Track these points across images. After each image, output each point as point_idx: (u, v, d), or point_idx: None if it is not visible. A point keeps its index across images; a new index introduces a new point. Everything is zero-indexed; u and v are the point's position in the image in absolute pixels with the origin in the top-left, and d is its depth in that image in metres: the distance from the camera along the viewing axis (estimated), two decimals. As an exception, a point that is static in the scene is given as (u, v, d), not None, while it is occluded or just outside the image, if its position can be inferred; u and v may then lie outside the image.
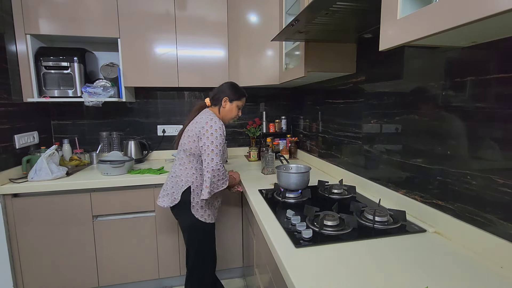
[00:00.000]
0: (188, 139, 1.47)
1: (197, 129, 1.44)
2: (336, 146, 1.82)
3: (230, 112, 1.59)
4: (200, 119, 1.47)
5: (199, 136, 1.43)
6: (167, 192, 1.54)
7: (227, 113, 1.59)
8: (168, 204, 1.51)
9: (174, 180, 1.51)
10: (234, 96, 1.57)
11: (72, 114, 2.29)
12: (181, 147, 1.52)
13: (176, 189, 1.50)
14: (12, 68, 1.82)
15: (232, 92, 1.57)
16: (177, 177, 1.50)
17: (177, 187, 1.49)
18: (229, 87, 1.59)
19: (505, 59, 0.79)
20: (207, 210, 1.52)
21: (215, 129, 1.42)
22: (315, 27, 1.19)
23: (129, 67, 2.06)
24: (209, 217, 1.53)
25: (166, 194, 1.54)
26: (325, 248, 0.91)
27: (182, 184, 1.48)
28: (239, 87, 1.62)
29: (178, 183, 1.49)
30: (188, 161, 1.49)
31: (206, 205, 1.51)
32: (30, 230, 1.74)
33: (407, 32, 0.68)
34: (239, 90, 1.60)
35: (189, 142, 1.47)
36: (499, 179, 0.81)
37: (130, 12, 2.01)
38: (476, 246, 0.88)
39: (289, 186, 1.45)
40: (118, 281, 1.92)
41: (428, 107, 1.06)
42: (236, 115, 1.62)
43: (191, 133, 1.46)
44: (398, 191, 1.25)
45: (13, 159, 1.81)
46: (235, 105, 1.58)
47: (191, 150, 1.46)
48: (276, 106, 2.66)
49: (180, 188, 1.48)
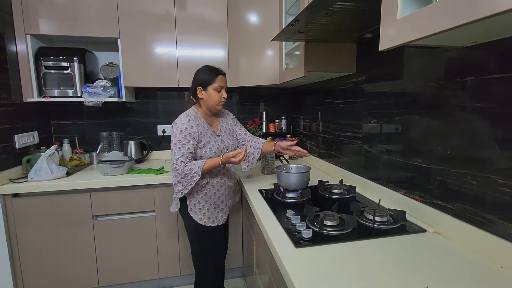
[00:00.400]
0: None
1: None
2: (336, 146, 1.82)
3: (211, 100, 1.44)
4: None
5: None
6: (172, 196, 1.55)
7: (208, 102, 1.45)
8: (173, 209, 1.53)
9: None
10: (206, 81, 1.43)
11: (72, 114, 2.29)
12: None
13: (175, 194, 1.49)
14: (12, 68, 1.82)
15: (203, 77, 1.44)
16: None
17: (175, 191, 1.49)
18: (199, 73, 1.46)
19: (505, 59, 0.79)
20: (206, 213, 1.48)
21: (176, 127, 1.38)
22: (315, 27, 1.19)
23: (129, 67, 2.06)
24: (209, 220, 1.49)
25: (172, 198, 1.56)
26: (325, 248, 0.91)
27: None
28: (210, 67, 1.47)
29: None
30: None
31: (205, 207, 1.48)
32: (30, 230, 1.74)
33: (407, 32, 0.68)
34: (210, 71, 1.45)
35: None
36: (499, 179, 0.81)
37: (130, 12, 2.01)
38: (476, 246, 0.88)
39: (289, 186, 1.45)
40: (118, 281, 1.92)
41: (428, 107, 1.06)
42: (219, 99, 1.45)
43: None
44: (398, 191, 1.25)
45: (13, 159, 1.81)
46: (211, 89, 1.43)
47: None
48: (276, 106, 2.66)
49: (176, 192, 1.47)
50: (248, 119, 2.61)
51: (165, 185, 1.90)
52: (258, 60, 2.07)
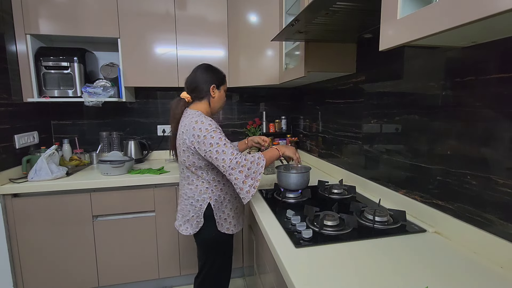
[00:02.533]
0: (186, 154, 1.27)
1: (189, 141, 1.22)
2: (336, 146, 1.82)
3: (221, 100, 1.38)
4: (186, 128, 1.25)
5: (195, 148, 1.22)
6: (186, 218, 1.34)
7: (218, 103, 1.38)
8: (194, 231, 1.33)
9: (189, 202, 1.33)
10: (219, 80, 1.36)
11: (72, 114, 2.29)
12: (183, 164, 1.32)
13: (195, 212, 1.32)
14: (12, 68, 1.82)
15: (216, 76, 1.35)
16: (191, 199, 1.32)
17: (195, 210, 1.32)
18: (209, 72, 1.35)
19: (505, 59, 0.79)
20: (232, 221, 1.38)
21: (206, 129, 1.20)
22: (315, 27, 1.19)
23: (129, 67, 2.06)
24: (235, 227, 1.41)
25: (186, 220, 1.35)
26: (325, 248, 0.91)
27: (200, 205, 1.31)
28: (215, 68, 1.39)
29: (194, 205, 1.31)
30: (196, 177, 1.31)
31: (231, 216, 1.38)
32: (30, 230, 1.74)
33: (407, 32, 0.68)
34: (220, 71, 1.38)
35: (188, 158, 1.27)
36: (499, 179, 0.81)
37: (130, 12, 2.01)
38: (476, 246, 0.88)
39: (289, 186, 1.45)
40: (118, 281, 1.92)
41: (428, 107, 1.06)
42: (224, 102, 1.44)
43: (184, 147, 1.26)
44: (398, 191, 1.25)
45: (13, 159, 1.81)
46: (223, 90, 1.38)
47: (195, 165, 1.27)
48: (276, 106, 2.66)
49: (199, 209, 1.31)
50: (248, 119, 2.61)
51: (165, 185, 1.90)
52: (258, 60, 2.07)
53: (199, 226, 1.33)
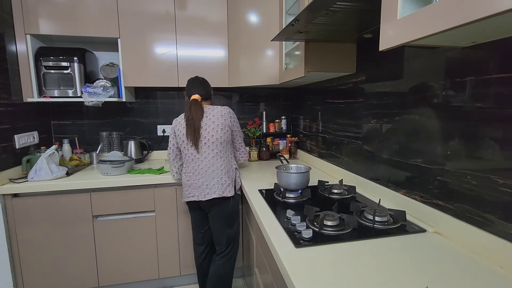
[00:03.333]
0: (223, 131, 1.60)
1: (229, 121, 1.63)
2: (336, 146, 1.82)
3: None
4: (222, 113, 1.62)
5: (232, 126, 1.66)
6: (225, 185, 1.59)
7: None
8: (232, 192, 1.60)
9: (225, 171, 1.60)
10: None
11: (72, 114, 2.29)
12: (217, 141, 1.59)
13: (232, 179, 1.62)
14: (12, 68, 1.82)
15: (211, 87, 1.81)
16: (227, 167, 1.61)
17: (232, 176, 1.62)
18: (206, 83, 1.78)
19: (505, 59, 0.79)
20: (240, 183, 1.72)
21: (234, 115, 1.70)
22: (315, 27, 1.19)
23: (129, 67, 2.06)
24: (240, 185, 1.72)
25: (225, 186, 1.59)
26: (325, 248, 0.91)
27: (233, 171, 1.64)
28: None
29: (230, 172, 1.62)
30: (225, 150, 1.63)
31: (238, 181, 1.70)
32: (30, 230, 1.74)
33: (407, 32, 0.68)
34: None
35: (224, 134, 1.60)
36: (499, 179, 0.81)
37: (130, 12, 2.01)
38: (476, 246, 0.88)
39: (289, 186, 1.45)
40: (118, 281, 1.92)
41: (428, 107, 1.06)
42: None
43: (223, 126, 1.60)
44: (398, 191, 1.25)
45: (13, 159, 1.81)
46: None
47: (228, 139, 1.64)
48: (276, 106, 2.66)
49: (234, 174, 1.64)
50: (248, 119, 2.61)
51: (165, 185, 1.90)
52: (258, 60, 2.07)
53: (229, 189, 1.60)
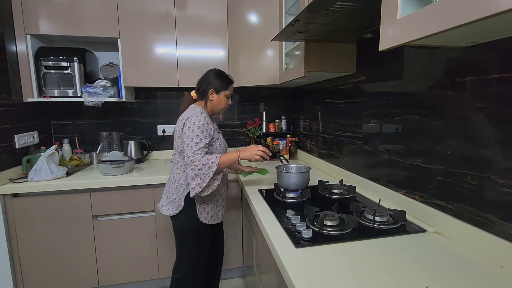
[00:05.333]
0: (176, 139, 1.44)
1: (180, 126, 1.40)
2: (336, 146, 1.82)
3: (219, 104, 1.51)
4: (183, 115, 1.43)
5: (182, 133, 1.39)
6: (170, 200, 1.47)
7: (216, 106, 1.51)
8: (173, 212, 1.44)
9: (174, 186, 1.45)
10: (221, 86, 1.47)
11: (72, 114, 2.29)
12: (175, 149, 1.47)
13: (178, 195, 1.44)
14: (12, 68, 1.82)
15: (218, 82, 1.47)
16: (177, 182, 1.45)
17: (178, 192, 1.44)
18: (215, 77, 1.48)
19: (505, 59, 0.79)
20: (209, 211, 1.46)
21: (193, 122, 1.36)
22: (315, 27, 1.19)
23: (129, 67, 2.06)
24: (212, 218, 1.48)
25: (169, 201, 1.48)
26: (325, 248, 0.91)
27: (183, 188, 1.43)
28: (225, 74, 1.51)
29: (179, 188, 1.44)
30: (182, 162, 1.44)
31: (209, 205, 1.45)
32: (30, 230, 1.74)
33: (407, 32, 0.68)
34: (225, 78, 1.49)
35: (177, 141, 1.43)
36: (499, 179, 0.81)
37: (130, 12, 2.01)
38: (476, 246, 0.88)
39: (289, 186, 1.45)
40: (118, 281, 1.92)
41: (428, 107, 1.06)
42: (225, 106, 1.54)
43: (178, 132, 1.42)
44: (398, 191, 1.25)
45: (13, 159, 1.81)
46: (223, 95, 1.49)
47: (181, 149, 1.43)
48: (276, 106, 2.66)
49: (182, 193, 1.43)
50: (248, 119, 2.61)
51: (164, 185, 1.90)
52: (258, 60, 2.07)
53: (179, 209, 1.43)
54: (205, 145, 1.35)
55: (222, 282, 2.09)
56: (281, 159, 1.77)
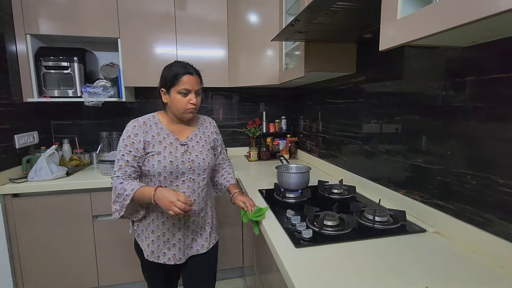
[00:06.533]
0: None
1: None
2: (336, 146, 1.82)
3: (175, 106, 1.18)
4: None
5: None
6: None
7: (173, 108, 1.19)
8: (130, 231, 1.32)
9: None
10: (166, 84, 1.18)
11: (72, 114, 2.29)
12: None
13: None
14: (12, 68, 1.82)
15: (164, 78, 1.19)
16: None
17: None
18: (162, 73, 1.22)
19: (505, 59, 0.79)
20: (150, 244, 1.19)
21: (123, 134, 1.15)
22: (315, 27, 1.19)
23: (129, 67, 2.05)
24: (152, 254, 1.20)
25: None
26: (325, 248, 0.91)
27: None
28: (173, 66, 1.20)
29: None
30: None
31: (150, 236, 1.19)
32: (30, 230, 1.74)
33: (407, 32, 0.68)
34: (171, 71, 1.18)
35: None
36: (499, 179, 0.81)
37: (130, 12, 2.01)
38: (476, 246, 0.88)
39: (289, 186, 1.45)
40: (118, 281, 1.92)
41: (428, 107, 1.06)
42: (186, 105, 1.17)
43: None
44: (398, 191, 1.25)
45: (13, 159, 1.81)
46: (174, 93, 1.16)
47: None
48: (276, 106, 2.66)
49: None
50: (248, 119, 2.61)
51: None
52: (258, 60, 2.07)
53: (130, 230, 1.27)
54: (126, 163, 1.11)
55: (222, 282, 2.09)
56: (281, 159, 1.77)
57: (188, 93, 1.17)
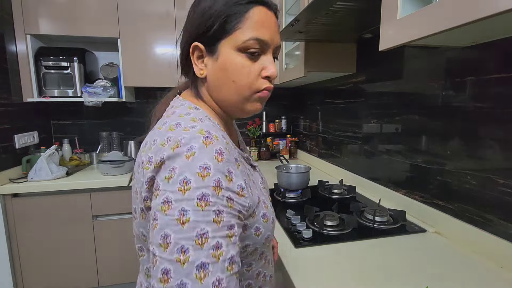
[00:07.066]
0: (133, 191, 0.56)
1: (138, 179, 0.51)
2: (336, 146, 1.82)
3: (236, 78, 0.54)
4: (154, 133, 0.52)
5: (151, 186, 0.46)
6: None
7: (225, 87, 0.55)
8: None
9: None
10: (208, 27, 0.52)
11: (72, 114, 2.29)
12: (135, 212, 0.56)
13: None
14: (12, 68, 1.82)
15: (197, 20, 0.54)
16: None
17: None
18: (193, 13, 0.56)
19: (505, 59, 0.79)
20: None
21: (194, 166, 0.42)
22: (315, 27, 1.19)
23: (129, 67, 2.05)
24: None
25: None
26: (325, 248, 0.91)
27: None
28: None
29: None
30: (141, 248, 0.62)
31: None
32: (30, 230, 1.74)
33: (407, 32, 0.68)
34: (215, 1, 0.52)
35: (135, 199, 0.54)
36: (499, 179, 0.81)
37: (130, 12, 2.01)
38: (476, 246, 0.87)
39: (289, 186, 1.45)
40: (118, 281, 1.92)
41: (428, 107, 1.06)
42: (258, 80, 0.55)
43: (137, 175, 0.53)
44: (398, 191, 1.25)
45: (13, 159, 1.81)
46: (229, 50, 0.53)
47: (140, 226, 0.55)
48: (276, 106, 2.66)
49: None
50: (248, 119, 2.61)
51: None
52: (258, 60, 2.07)
53: None
54: (234, 244, 0.42)
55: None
56: (281, 159, 1.77)
57: (264, 50, 0.57)
